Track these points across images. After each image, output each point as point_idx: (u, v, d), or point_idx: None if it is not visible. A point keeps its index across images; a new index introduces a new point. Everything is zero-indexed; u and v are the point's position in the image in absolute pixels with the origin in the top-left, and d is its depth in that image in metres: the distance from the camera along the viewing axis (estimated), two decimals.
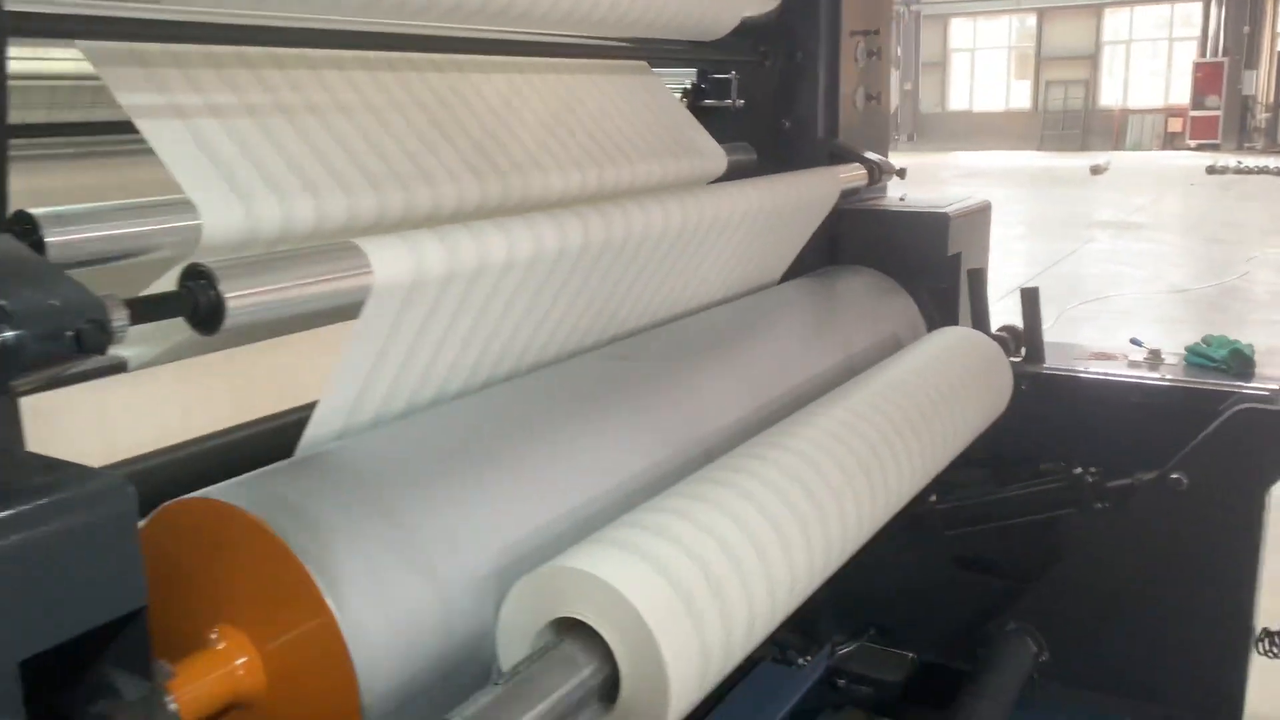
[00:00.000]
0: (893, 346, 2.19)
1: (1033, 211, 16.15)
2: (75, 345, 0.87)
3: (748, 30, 2.48)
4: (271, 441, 1.36)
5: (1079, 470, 2.38)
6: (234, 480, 1.16)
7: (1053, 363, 2.55)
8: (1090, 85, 29.72)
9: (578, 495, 1.34)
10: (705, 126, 2.60)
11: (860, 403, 1.68)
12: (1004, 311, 2.54)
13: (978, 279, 2.54)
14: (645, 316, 1.88)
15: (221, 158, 1.35)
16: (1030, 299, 2.52)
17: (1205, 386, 2.29)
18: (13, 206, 1.13)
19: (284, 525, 1.07)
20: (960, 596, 2.61)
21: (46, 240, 1.14)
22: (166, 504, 1.13)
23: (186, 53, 1.39)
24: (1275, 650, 2.33)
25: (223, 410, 1.56)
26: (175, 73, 1.38)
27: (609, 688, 1.12)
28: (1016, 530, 2.50)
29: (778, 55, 2.52)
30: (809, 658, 2.70)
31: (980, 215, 2.72)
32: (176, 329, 1.15)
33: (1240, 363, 2.39)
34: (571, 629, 1.12)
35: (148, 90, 1.33)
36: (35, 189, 1.22)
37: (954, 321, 2.58)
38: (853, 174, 2.41)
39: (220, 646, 1.09)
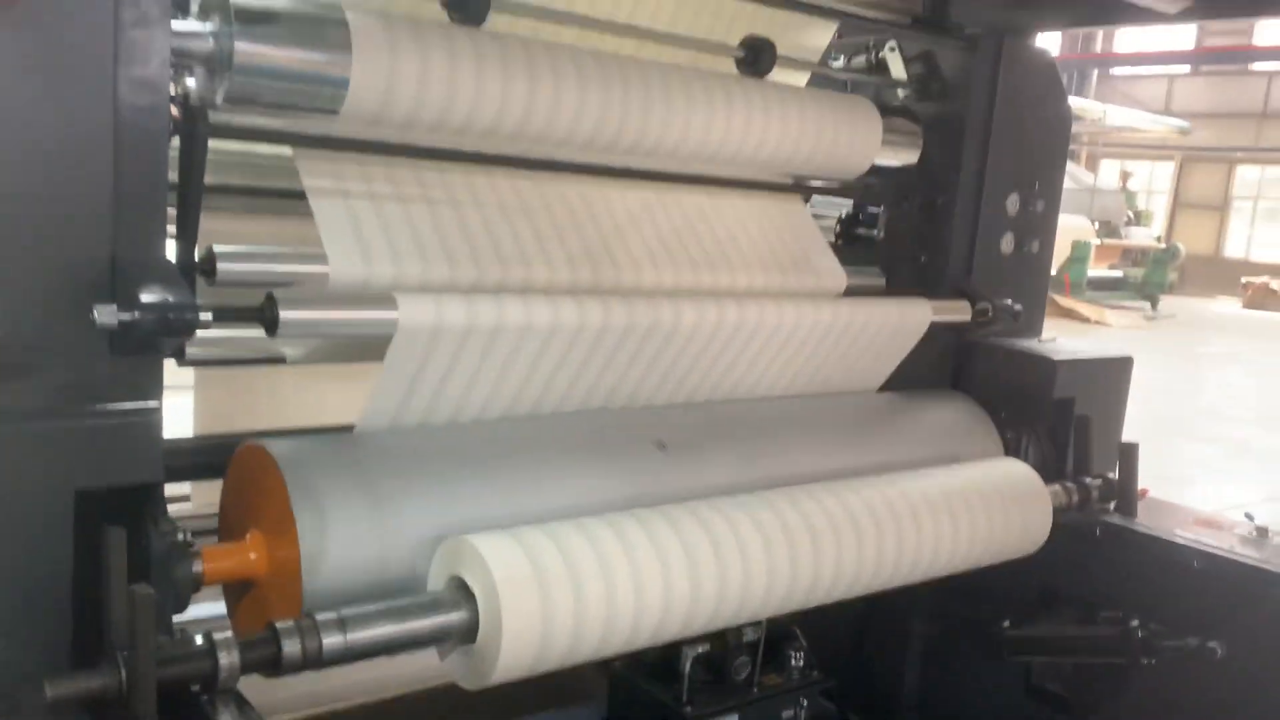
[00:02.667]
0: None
1: None
2: (164, 329, 1.47)
3: (893, 173, 2.81)
4: None
5: (1135, 624, 2.43)
6: (288, 438, 1.74)
7: (1151, 519, 2.61)
8: None
9: (525, 506, 1.79)
10: (855, 252, 2.96)
11: (823, 492, 1.99)
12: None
13: (1082, 425, 2.66)
14: (686, 395, 2.28)
15: (363, 228, 1.96)
16: (1128, 455, 2.61)
17: (1261, 566, 2.28)
18: (204, 244, 1.81)
19: (293, 472, 1.63)
20: None
21: (219, 267, 1.80)
22: (241, 445, 1.73)
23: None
24: None
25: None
26: (353, 166, 2.02)
27: (472, 630, 1.56)
28: (1087, 667, 2.58)
29: (915, 198, 2.81)
30: None
31: (1112, 367, 2.81)
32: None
33: None
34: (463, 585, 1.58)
35: (326, 177, 1.98)
36: (220, 231, 1.90)
37: (1062, 463, 2.70)
38: (952, 309, 2.64)
39: (247, 541, 1.66)
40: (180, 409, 2.28)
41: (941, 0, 2.78)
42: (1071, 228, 21.10)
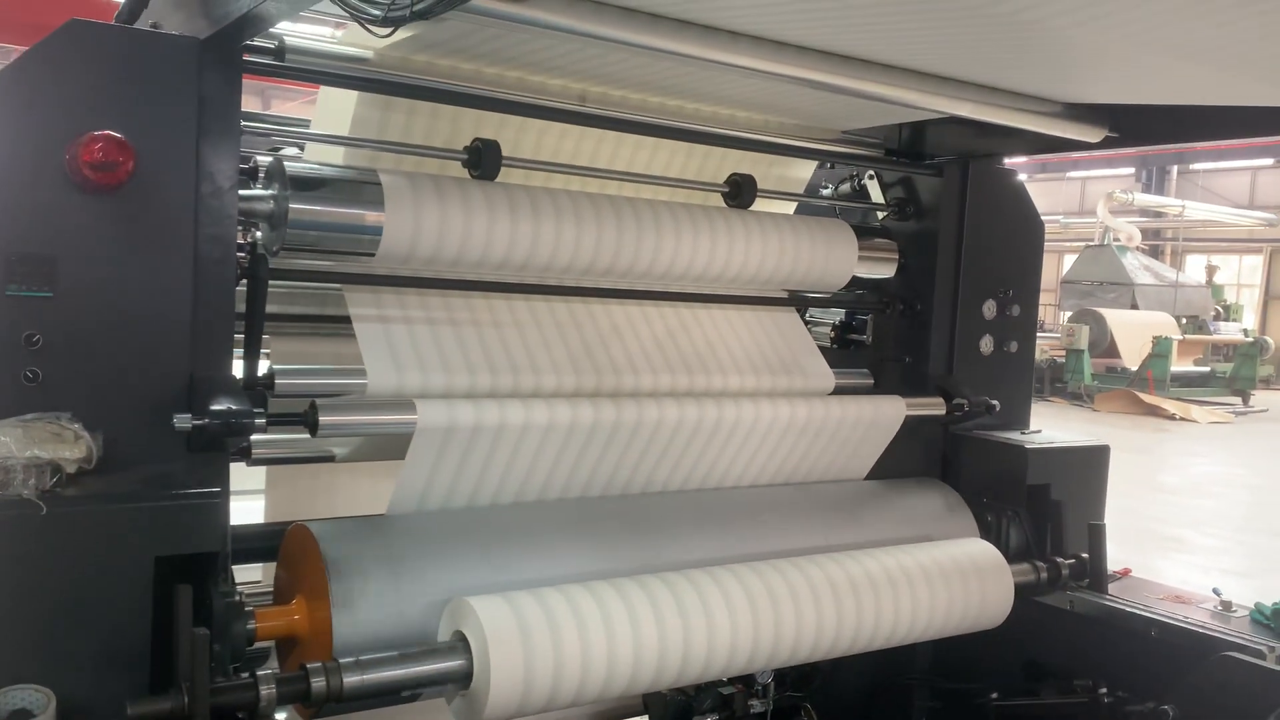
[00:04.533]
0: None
1: None
2: (228, 431, 1.88)
3: (878, 284, 3.15)
4: None
5: (1103, 691, 2.64)
6: (329, 519, 2.13)
7: (1129, 595, 2.82)
8: None
9: (524, 576, 2.13)
10: (848, 355, 3.29)
11: (787, 564, 2.29)
12: None
13: (1053, 510, 2.91)
14: (680, 483, 2.61)
15: (397, 346, 2.37)
16: (1096, 534, 2.83)
17: (1205, 632, 2.48)
18: (268, 365, 2.24)
19: (330, 547, 2.01)
20: None
21: (278, 381, 2.21)
22: (292, 524, 2.12)
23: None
24: None
25: None
26: (388, 295, 2.44)
27: (468, 675, 1.90)
28: None
29: (897, 306, 3.14)
30: None
31: (1089, 455, 3.05)
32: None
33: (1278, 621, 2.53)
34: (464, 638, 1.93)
35: (368, 305, 2.40)
36: (286, 353, 2.33)
37: (1038, 544, 2.94)
38: (928, 405, 2.94)
39: (291, 604, 2.04)
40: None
41: (917, 133, 3.15)
42: (1153, 323, 20.89)
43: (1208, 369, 21.50)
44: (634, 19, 1.97)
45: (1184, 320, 22.59)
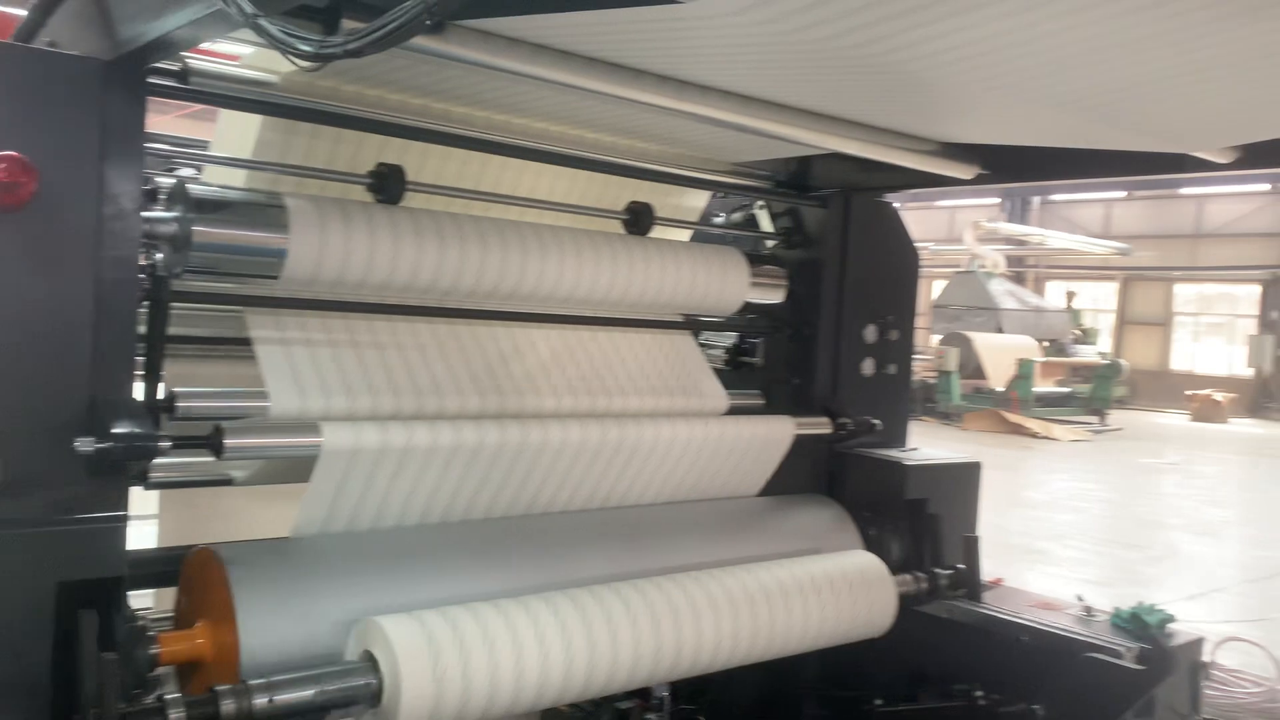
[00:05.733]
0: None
1: None
2: (129, 454, 1.86)
3: (768, 309, 3.28)
4: None
5: (979, 694, 2.80)
6: (234, 542, 2.12)
7: (1001, 603, 3.00)
8: None
9: (430, 596, 2.16)
10: (741, 377, 3.42)
11: (684, 578, 2.37)
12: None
13: (931, 523, 3.07)
14: (582, 502, 2.67)
15: (300, 369, 2.37)
16: (970, 546, 3.01)
17: (1067, 635, 2.67)
18: (168, 387, 2.22)
19: (236, 570, 2.01)
20: None
21: (179, 405, 2.20)
22: (194, 548, 2.11)
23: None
24: None
25: None
26: (291, 318, 2.45)
27: (378, 694, 1.92)
28: None
29: (785, 331, 3.28)
30: None
31: (962, 471, 3.24)
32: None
33: (1138, 626, 2.73)
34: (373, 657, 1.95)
35: (271, 328, 2.40)
36: (180, 375, 2.31)
37: (920, 557, 3.10)
38: (815, 424, 3.08)
39: (195, 628, 2.02)
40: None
41: (804, 166, 3.31)
42: (1017, 346, 21.87)
43: (1068, 390, 22.62)
44: (542, 55, 2.04)
45: (1046, 343, 23.72)
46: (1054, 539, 9.93)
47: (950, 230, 31.53)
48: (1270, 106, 2.11)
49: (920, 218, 32.97)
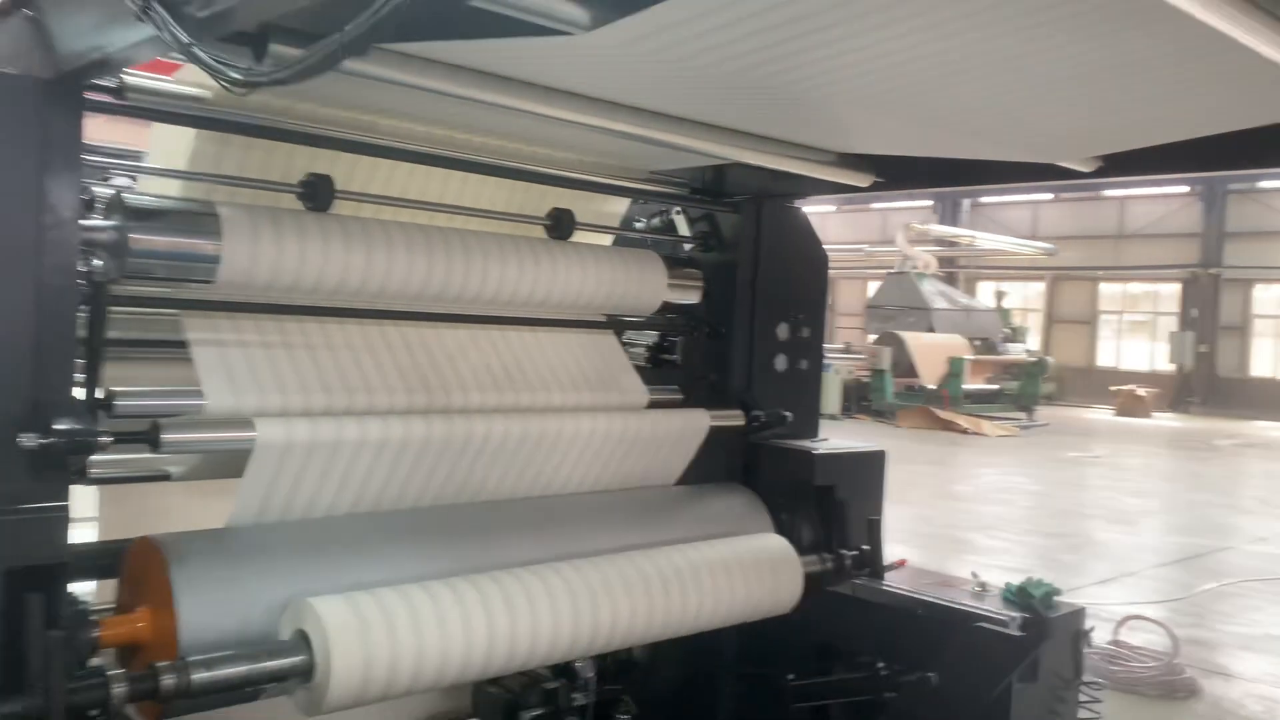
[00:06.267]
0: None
1: None
2: (71, 449, 1.99)
3: (686, 309, 3.47)
4: None
5: (880, 665, 3.01)
6: (173, 533, 2.25)
7: (906, 582, 3.22)
8: None
9: (361, 579, 2.31)
10: (661, 374, 3.59)
11: (601, 560, 2.55)
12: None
13: (839, 509, 3.28)
14: (508, 491, 2.83)
15: (234, 369, 2.50)
16: (874, 528, 3.22)
17: (956, 607, 2.90)
18: (106, 387, 2.34)
19: (174, 557, 2.14)
20: None
21: (115, 403, 2.32)
22: (137, 538, 2.23)
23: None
24: None
25: None
26: (225, 320, 2.57)
27: (310, 669, 2.06)
28: (852, 705, 3.13)
29: (702, 329, 3.47)
30: None
31: (868, 459, 3.45)
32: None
33: (1024, 598, 2.96)
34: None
35: (205, 330, 2.52)
36: (118, 376, 2.43)
37: (827, 538, 3.30)
38: (729, 416, 3.27)
39: (135, 613, 2.15)
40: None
41: (718, 174, 3.50)
42: (948, 345, 22.43)
43: (997, 387, 23.25)
44: (458, 74, 2.20)
45: (977, 342, 24.35)
46: (979, 529, 10.30)
47: (884, 232, 32.20)
48: (1125, 122, 2.34)
49: (854, 220, 33.63)
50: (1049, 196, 32.20)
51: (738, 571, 2.80)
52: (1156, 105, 2.20)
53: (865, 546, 3.23)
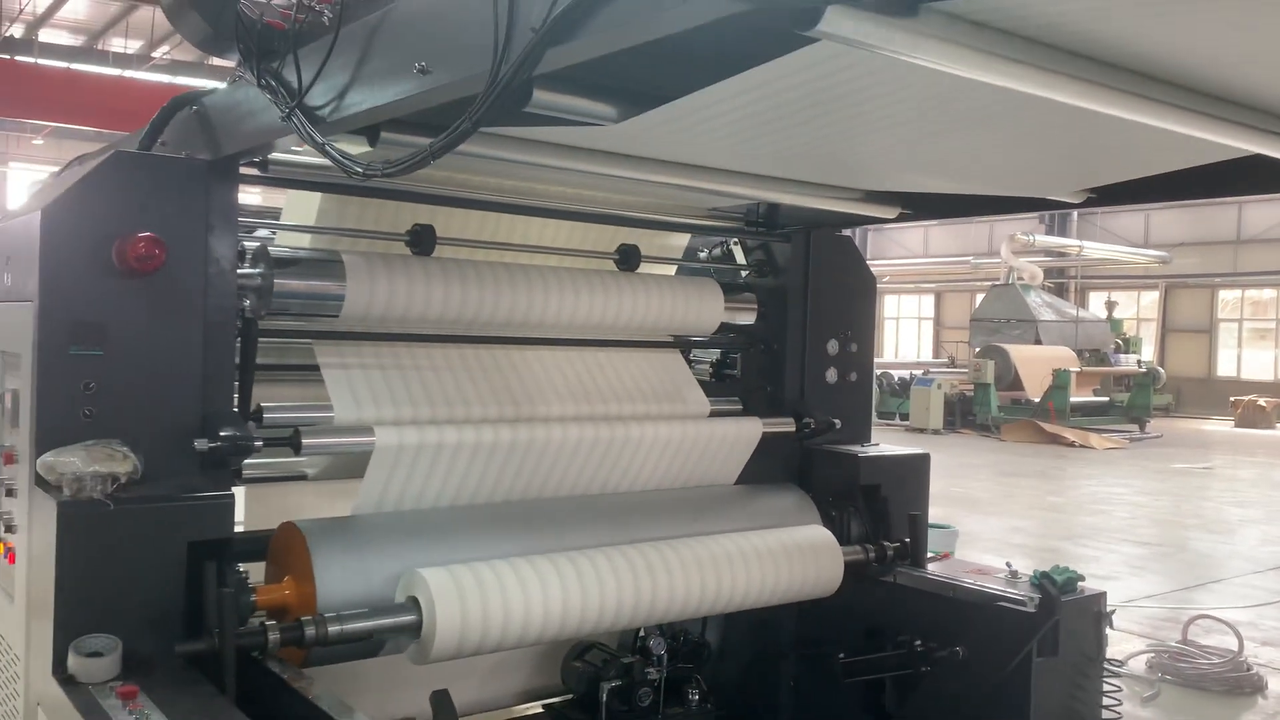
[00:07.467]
0: None
1: None
2: (232, 451, 2.54)
3: (744, 329, 3.91)
4: None
5: (918, 643, 3.39)
6: (311, 519, 2.79)
7: (944, 571, 3.58)
8: None
9: (462, 556, 2.81)
10: (724, 387, 4.04)
11: (663, 544, 3.00)
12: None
13: (883, 505, 3.67)
14: (583, 488, 3.31)
15: (357, 387, 3.04)
16: (915, 522, 3.59)
17: (981, 589, 3.25)
18: (257, 403, 2.90)
19: (313, 538, 2.67)
20: None
21: (264, 416, 2.87)
22: (282, 523, 2.78)
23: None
24: None
25: None
26: (350, 347, 3.12)
27: (418, 627, 2.57)
28: (896, 678, 3.50)
29: (759, 346, 3.90)
30: None
31: (911, 461, 3.83)
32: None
33: (1048, 582, 3.30)
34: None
35: (333, 355, 3.07)
36: (265, 395, 3.00)
37: (874, 533, 3.68)
38: (780, 424, 3.69)
39: (283, 582, 2.69)
40: None
41: (771, 209, 3.92)
42: (1054, 357, 22.17)
43: (1106, 399, 22.83)
44: (531, 146, 2.70)
45: (1086, 354, 23.96)
46: (1069, 539, 10.37)
47: (990, 244, 31.84)
48: (1102, 160, 2.70)
49: (959, 232, 33.31)
50: (1161, 204, 31.36)
51: (783, 556, 3.21)
52: (1137, 149, 2.53)
53: (906, 539, 3.61)
